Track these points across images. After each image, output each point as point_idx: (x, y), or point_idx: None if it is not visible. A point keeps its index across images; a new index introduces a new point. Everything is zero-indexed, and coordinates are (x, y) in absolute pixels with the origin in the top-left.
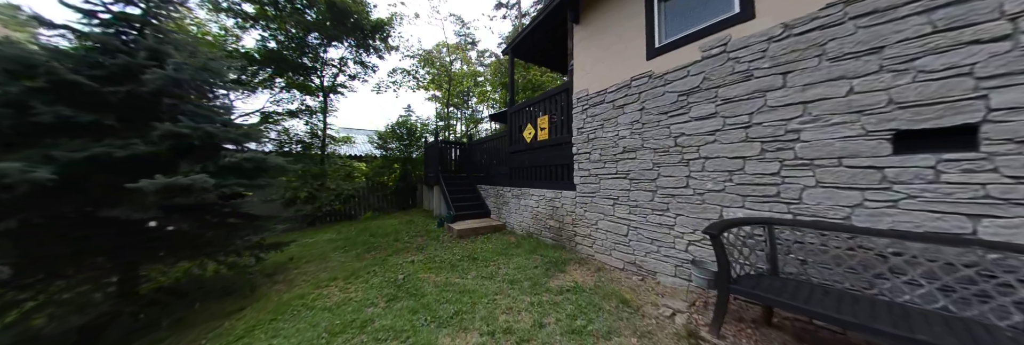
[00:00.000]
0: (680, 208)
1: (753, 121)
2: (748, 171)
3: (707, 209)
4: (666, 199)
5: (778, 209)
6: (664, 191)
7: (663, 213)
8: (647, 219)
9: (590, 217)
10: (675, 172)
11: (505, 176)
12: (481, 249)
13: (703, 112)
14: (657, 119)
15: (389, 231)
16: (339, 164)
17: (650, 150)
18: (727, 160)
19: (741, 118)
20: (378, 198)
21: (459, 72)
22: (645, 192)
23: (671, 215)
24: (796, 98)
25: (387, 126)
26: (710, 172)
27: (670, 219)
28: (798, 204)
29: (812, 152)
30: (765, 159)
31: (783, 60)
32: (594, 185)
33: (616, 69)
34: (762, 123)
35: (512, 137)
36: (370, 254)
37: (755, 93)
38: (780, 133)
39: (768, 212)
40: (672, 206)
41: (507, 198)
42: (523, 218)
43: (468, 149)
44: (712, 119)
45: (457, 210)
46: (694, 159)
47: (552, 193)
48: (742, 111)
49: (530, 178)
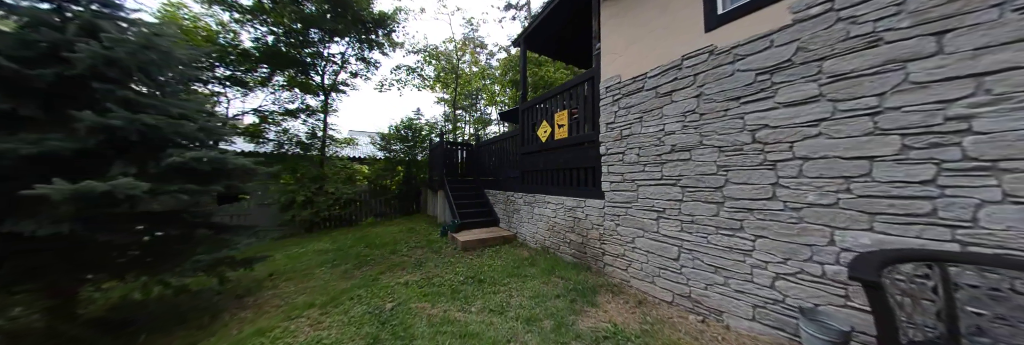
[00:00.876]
0: (762, 227)
1: (886, 105)
2: (879, 177)
3: (807, 231)
4: (739, 214)
5: (935, 235)
6: (736, 203)
7: (734, 233)
8: (708, 240)
9: (624, 233)
10: (753, 178)
11: (516, 180)
12: (489, 267)
13: (798, 95)
14: (723, 107)
15: (387, 240)
16: (339, 166)
17: (713, 148)
18: (842, 162)
19: (864, 101)
20: (380, 203)
21: (466, 74)
22: (706, 204)
23: (746, 236)
24: (962, 69)
25: (391, 127)
26: (812, 179)
27: (745, 241)
28: (970, 228)
29: (994, 149)
30: (909, 160)
31: (936, 14)
32: (629, 193)
33: (660, 48)
34: (902, 108)
35: (524, 137)
36: (361, 270)
37: (887, 64)
38: (935, 122)
39: (917, 239)
40: (749, 224)
41: (518, 205)
42: (537, 229)
43: (475, 151)
44: (813, 104)
45: (462, 218)
46: (785, 161)
47: (573, 201)
48: (866, 91)
49: (545, 183)
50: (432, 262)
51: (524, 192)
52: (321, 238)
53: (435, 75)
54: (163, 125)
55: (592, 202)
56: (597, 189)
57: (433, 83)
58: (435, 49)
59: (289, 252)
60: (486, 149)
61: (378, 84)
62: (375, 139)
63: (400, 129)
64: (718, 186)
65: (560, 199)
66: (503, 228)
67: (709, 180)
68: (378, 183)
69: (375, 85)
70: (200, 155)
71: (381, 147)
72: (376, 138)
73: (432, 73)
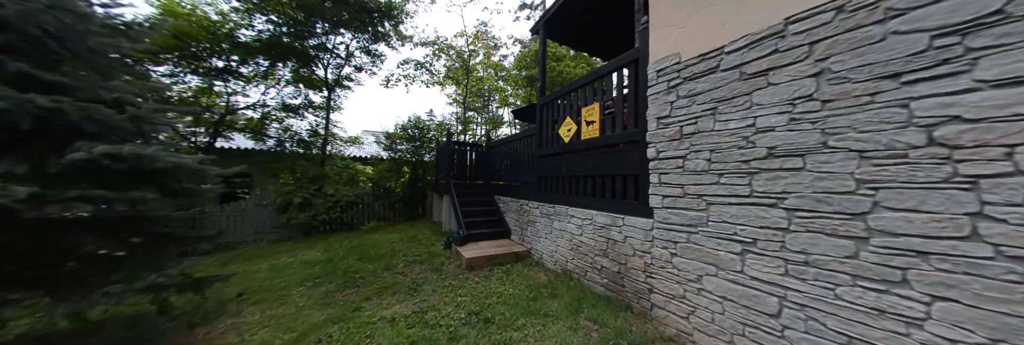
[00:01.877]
0: (947, 284)
1: None
2: None
3: None
4: (899, 259)
5: None
6: (893, 241)
7: (888, 288)
8: (836, 294)
9: (684, 267)
10: (930, 202)
11: (532, 187)
12: (498, 297)
13: (1022, 67)
14: (868, 90)
15: (384, 252)
16: (340, 166)
17: (847, 154)
18: None
19: None
20: (383, 206)
21: (477, 71)
22: (833, 238)
23: (914, 295)
24: None
25: (397, 125)
26: None
27: (911, 304)
28: None
29: None
30: None
31: None
32: (694, 213)
33: (746, 10)
34: None
35: (542, 136)
36: (344, 293)
37: None
38: None
39: None
40: (920, 277)
41: (534, 216)
42: (557, 247)
43: (486, 152)
44: None
45: (469, 227)
46: (997, 176)
47: (605, 217)
48: None
49: (568, 192)
50: (430, 285)
51: (541, 202)
52: (316, 244)
53: (445, 71)
54: (69, 109)
55: (634, 221)
56: (641, 204)
57: (443, 80)
58: (445, 42)
59: (276, 262)
60: (498, 150)
61: (384, 79)
62: (380, 138)
63: (407, 128)
64: (858, 212)
65: (588, 213)
66: (515, 241)
67: (840, 202)
68: (382, 185)
69: (381, 80)
70: (114, 150)
71: (386, 147)
72: (381, 137)
73: (442, 68)
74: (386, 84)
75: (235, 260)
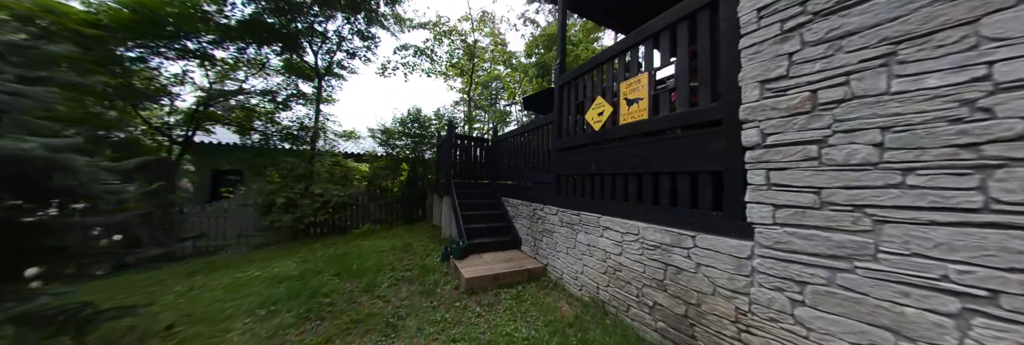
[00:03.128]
0: None
1: None
2: None
3: None
4: None
5: None
6: None
7: None
8: None
9: (825, 328)
10: None
11: (548, 188)
12: (507, 341)
13: None
14: None
15: (369, 264)
16: (330, 162)
17: None
18: None
19: None
20: (379, 208)
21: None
22: None
23: None
24: None
25: (395, 119)
26: None
27: None
28: None
29: None
30: None
31: None
32: (845, 236)
33: None
34: None
35: (562, 125)
36: (300, 330)
37: None
38: None
39: None
40: None
41: (550, 224)
42: (584, 267)
43: (492, 148)
44: None
45: (471, 236)
46: None
47: (662, 233)
48: None
49: (600, 195)
50: (416, 318)
51: (561, 207)
52: (298, 251)
53: (448, 58)
54: None
55: (716, 242)
56: (729, 217)
57: (447, 69)
58: (447, 24)
59: (241, 275)
60: (506, 145)
61: (381, 67)
62: (375, 132)
63: (405, 122)
64: None
65: (631, 225)
66: (527, 254)
67: None
68: (377, 184)
69: (377, 68)
70: None
71: (382, 142)
72: (376, 131)
73: (444, 54)
74: (383, 72)
75: (202, 270)
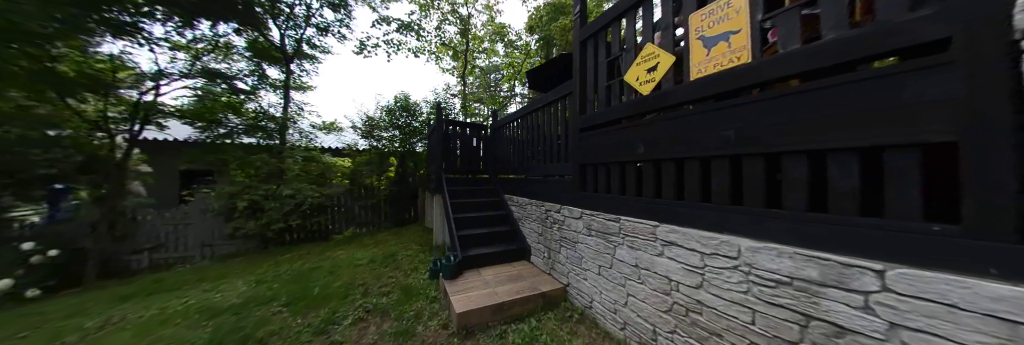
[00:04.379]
0: None
1: None
2: None
3: None
4: None
5: None
6: None
7: None
8: None
9: None
10: None
11: (565, 184)
12: None
13: None
14: None
15: (337, 286)
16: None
17: None
18: None
19: None
20: (364, 209)
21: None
22: None
23: None
24: None
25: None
26: None
27: None
28: None
29: None
30: None
31: None
32: None
33: None
34: None
35: (585, 96)
36: None
37: None
38: None
39: None
40: None
41: (571, 231)
42: (628, 297)
43: (492, 136)
44: None
45: (466, 246)
46: None
47: (794, 260)
48: None
49: (652, 191)
50: None
51: (588, 208)
52: (262, 265)
53: (438, 35)
54: None
55: (944, 285)
56: (978, 233)
57: (438, 49)
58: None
59: (166, 307)
60: (507, 131)
61: (359, 45)
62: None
63: (393, 111)
64: None
65: (724, 242)
66: (538, 267)
67: None
68: (360, 182)
69: (355, 46)
70: None
71: (364, 133)
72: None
73: (433, 29)
74: (360, 50)
75: (141, 292)
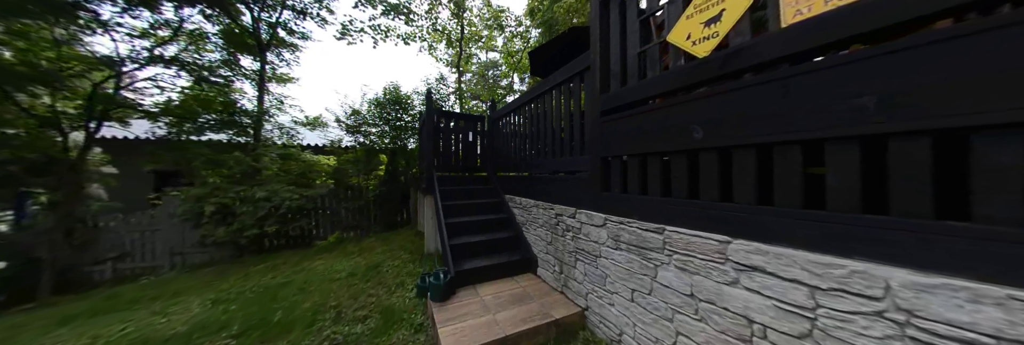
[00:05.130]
0: None
1: None
2: None
3: None
4: None
5: None
6: None
7: None
8: None
9: None
10: None
11: (581, 182)
12: None
13: None
14: None
15: (305, 308)
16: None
17: None
18: None
19: None
20: (351, 212)
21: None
22: None
23: None
24: None
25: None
26: None
27: None
28: None
29: None
30: None
31: None
32: None
33: None
34: None
35: (608, 69)
36: None
37: None
38: None
39: None
40: None
41: (591, 241)
42: (679, 336)
43: (490, 129)
44: None
45: (459, 259)
46: None
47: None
48: None
49: (715, 194)
50: None
51: (614, 213)
52: (229, 278)
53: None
54: None
55: None
56: None
57: (430, 35)
58: None
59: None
60: (508, 122)
61: (341, 30)
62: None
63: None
64: None
65: (860, 270)
66: (548, 282)
67: None
68: (346, 182)
69: (337, 31)
70: None
71: (349, 128)
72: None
73: (424, 13)
74: (343, 35)
75: (85, 312)
